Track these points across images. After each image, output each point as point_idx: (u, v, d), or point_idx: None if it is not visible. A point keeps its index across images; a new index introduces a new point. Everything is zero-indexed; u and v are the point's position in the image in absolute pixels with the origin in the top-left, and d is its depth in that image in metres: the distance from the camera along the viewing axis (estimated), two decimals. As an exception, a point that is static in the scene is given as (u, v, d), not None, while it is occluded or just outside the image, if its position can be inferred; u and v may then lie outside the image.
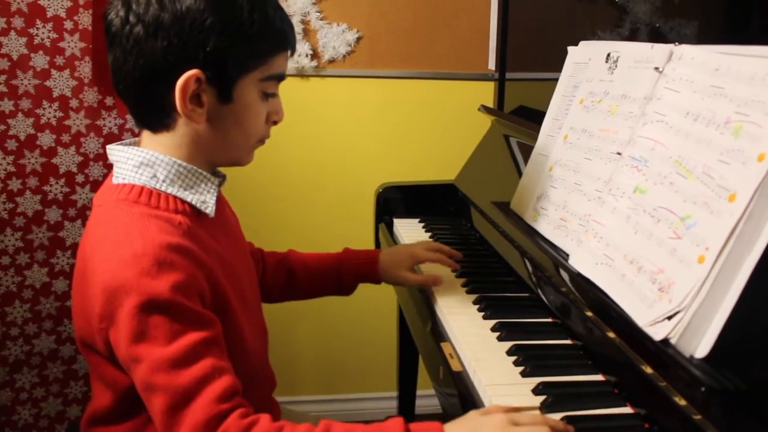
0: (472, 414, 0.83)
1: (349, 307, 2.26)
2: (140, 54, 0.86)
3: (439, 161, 2.13)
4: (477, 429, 0.80)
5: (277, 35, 0.93)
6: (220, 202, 1.02)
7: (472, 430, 0.81)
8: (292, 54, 0.98)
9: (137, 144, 0.95)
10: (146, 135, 0.94)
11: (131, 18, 0.85)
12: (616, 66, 1.12)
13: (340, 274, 1.29)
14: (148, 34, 0.85)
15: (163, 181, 0.91)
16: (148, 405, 0.82)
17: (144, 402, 0.82)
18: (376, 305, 2.23)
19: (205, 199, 0.94)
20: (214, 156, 0.96)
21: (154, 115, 0.91)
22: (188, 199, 0.92)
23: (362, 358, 2.33)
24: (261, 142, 0.99)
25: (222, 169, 1.02)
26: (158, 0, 0.85)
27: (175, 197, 0.91)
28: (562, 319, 1.09)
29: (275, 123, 0.99)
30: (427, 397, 2.08)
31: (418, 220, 1.73)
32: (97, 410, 0.95)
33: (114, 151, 0.94)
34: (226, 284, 0.93)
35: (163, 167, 0.91)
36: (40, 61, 1.80)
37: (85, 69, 1.85)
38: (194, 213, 0.93)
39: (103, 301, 0.82)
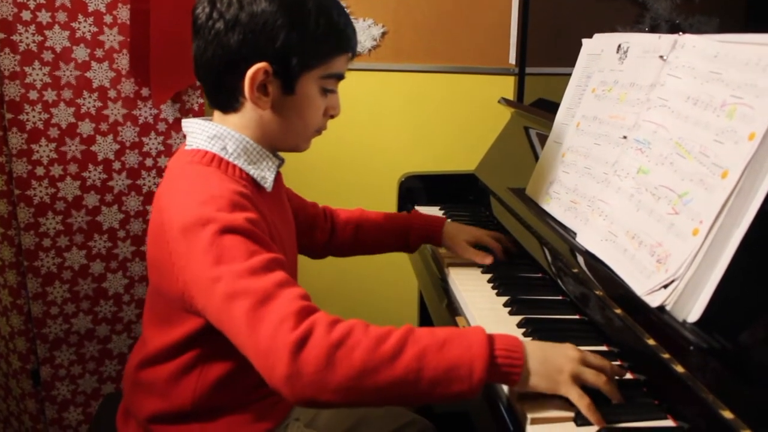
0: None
1: (372, 293, 2.34)
2: (218, 45, 0.97)
3: (460, 152, 2.19)
4: (551, 346, 0.87)
5: (340, 38, 1.02)
6: (278, 182, 1.12)
7: (546, 346, 0.88)
8: (353, 56, 1.07)
9: (209, 119, 1.05)
10: (217, 115, 1.05)
11: (214, 14, 0.97)
12: (626, 56, 1.18)
13: (408, 234, 1.40)
14: (227, 29, 0.96)
15: (231, 154, 1.01)
16: (229, 317, 0.84)
17: (225, 320, 0.85)
18: (397, 293, 2.30)
19: (265, 175, 1.03)
20: (276, 140, 1.05)
21: (225, 98, 1.02)
22: (251, 173, 1.02)
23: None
24: (318, 132, 1.09)
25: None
26: (239, 0, 0.96)
27: (240, 169, 1.01)
28: (571, 296, 1.14)
29: (332, 117, 1.09)
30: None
31: (438, 208, 1.79)
32: (151, 352, 1.03)
33: (190, 123, 1.04)
34: (276, 249, 1.01)
35: (232, 141, 1.01)
36: (81, 53, 1.89)
37: (123, 61, 1.94)
38: (255, 185, 1.02)
39: (182, 238, 0.89)
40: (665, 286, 0.84)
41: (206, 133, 1.01)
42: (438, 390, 0.81)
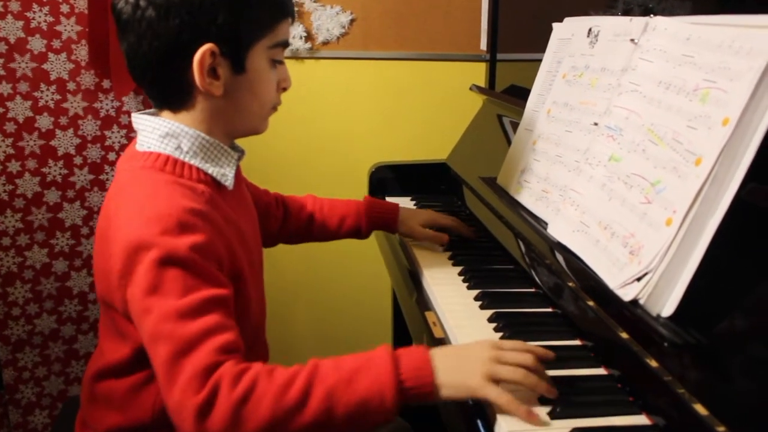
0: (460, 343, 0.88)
1: (347, 287, 2.30)
2: (154, 36, 0.89)
3: (431, 141, 2.15)
4: (463, 351, 0.85)
5: (279, 3, 0.97)
6: (238, 176, 1.06)
7: (457, 352, 0.85)
8: (293, 21, 1.02)
9: (158, 115, 0.98)
10: (166, 114, 0.97)
11: (141, 3, 0.89)
12: (596, 40, 1.14)
13: (361, 220, 1.37)
14: (160, 16, 0.88)
15: (187, 152, 0.94)
16: (152, 356, 0.83)
17: (149, 354, 0.84)
18: (372, 286, 2.26)
19: (225, 172, 0.98)
20: (233, 127, 1.00)
21: (173, 94, 0.95)
22: (209, 171, 0.96)
23: (359, 338, 2.36)
24: (274, 109, 1.04)
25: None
26: None
27: (198, 168, 0.95)
28: (543, 288, 1.11)
29: (284, 89, 1.04)
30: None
31: (410, 198, 1.75)
32: (108, 364, 0.98)
33: (140, 120, 0.97)
34: (241, 253, 0.97)
35: (187, 139, 0.94)
36: (37, 44, 1.83)
37: (82, 52, 1.88)
38: (215, 184, 0.97)
39: (124, 257, 0.84)
40: (638, 279, 0.81)
41: (158, 132, 0.94)
42: (354, 424, 0.81)
